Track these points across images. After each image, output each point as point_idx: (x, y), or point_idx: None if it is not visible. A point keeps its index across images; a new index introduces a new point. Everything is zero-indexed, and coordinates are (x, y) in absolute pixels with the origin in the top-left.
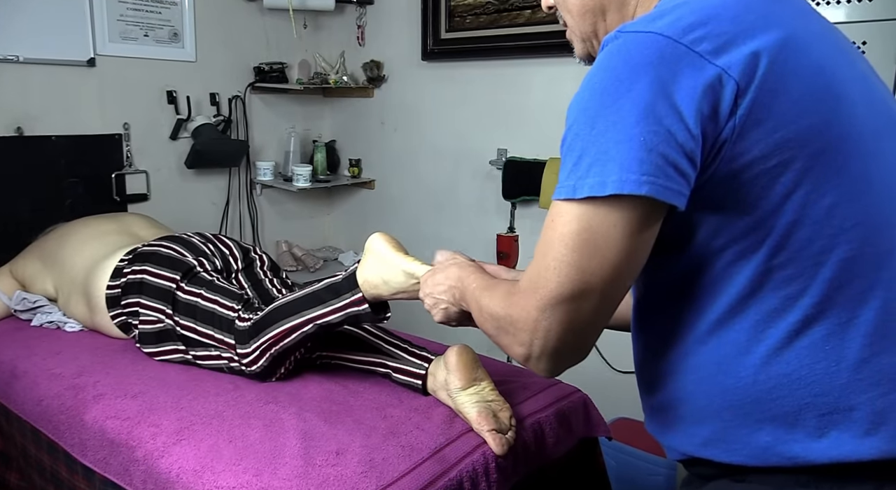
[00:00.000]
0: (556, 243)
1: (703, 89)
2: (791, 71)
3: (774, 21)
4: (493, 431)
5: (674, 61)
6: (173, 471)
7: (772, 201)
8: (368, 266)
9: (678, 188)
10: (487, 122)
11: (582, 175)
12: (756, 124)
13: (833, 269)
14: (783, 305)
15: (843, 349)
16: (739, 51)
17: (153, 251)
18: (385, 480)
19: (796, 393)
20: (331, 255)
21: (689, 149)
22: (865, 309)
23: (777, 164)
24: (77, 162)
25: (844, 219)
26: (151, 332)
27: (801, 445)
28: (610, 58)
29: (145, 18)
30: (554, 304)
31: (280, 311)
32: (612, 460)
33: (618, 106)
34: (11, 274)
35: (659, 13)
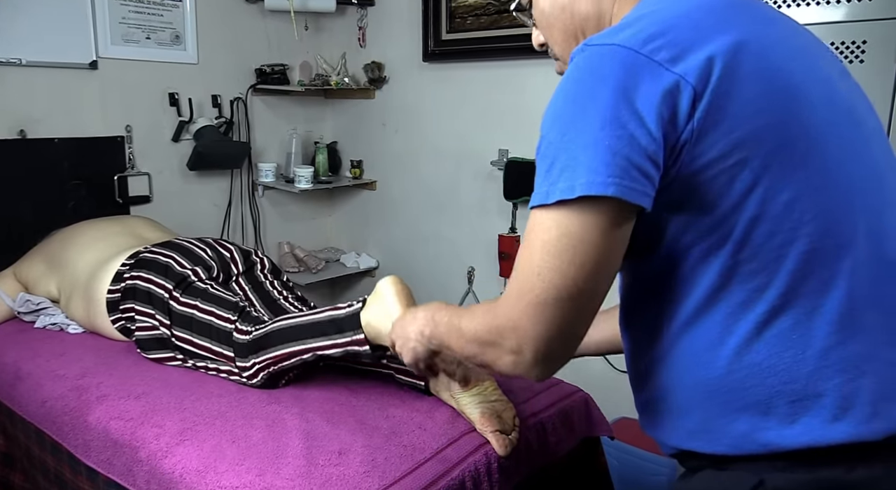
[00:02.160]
0: (537, 250)
1: (663, 95)
2: (746, 73)
3: (730, 26)
4: (496, 432)
5: (635, 70)
6: (177, 471)
7: (732, 199)
8: (373, 312)
9: (642, 189)
10: (488, 122)
11: (553, 180)
12: (713, 126)
13: (795, 261)
14: (750, 298)
15: (810, 338)
16: (696, 57)
17: (153, 258)
18: (387, 480)
19: (767, 381)
20: (333, 256)
21: (651, 151)
22: (829, 298)
23: (735, 162)
24: (79, 164)
25: (803, 212)
26: (149, 338)
27: (775, 432)
28: (577, 70)
29: (147, 21)
30: (541, 308)
31: (282, 334)
32: (614, 460)
33: (585, 114)
34: (15, 276)
35: (622, 26)
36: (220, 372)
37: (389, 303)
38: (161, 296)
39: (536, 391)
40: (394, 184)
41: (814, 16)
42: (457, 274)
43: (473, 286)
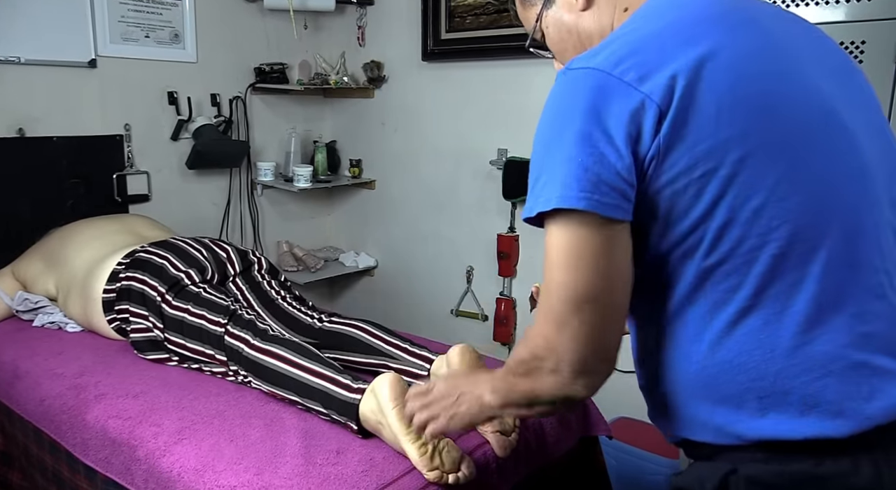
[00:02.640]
0: (547, 270)
1: (630, 115)
2: (708, 88)
3: (696, 41)
4: (496, 433)
5: (606, 92)
6: (175, 470)
7: (702, 207)
8: (370, 411)
9: (614, 203)
10: (488, 122)
11: (537, 195)
12: (679, 140)
13: (764, 264)
14: (723, 298)
15: (778, 337)
16: (661, 76)
17: (147, 259)
18: (385, 479)
19: (738, 378)
20: (331, 255)
21: (620, 168)
22: (797, 300)
23: (702, 174)
24: (78, 163)
25: (772, 218)
26: (144, 340)
27: (746, 425)
28: (558, 91)
29: (146, 19)
30: (564, 321)
31: (276, 375)
32: (612, 459)
33: (562, 134)
34: (13, 275)
35: (599, 48)
36: (214, 374)
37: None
38: (154, 298)
39: None
40: (393, 183)
41: (813, 16)
42: (456, 273)
43: (472, 286)
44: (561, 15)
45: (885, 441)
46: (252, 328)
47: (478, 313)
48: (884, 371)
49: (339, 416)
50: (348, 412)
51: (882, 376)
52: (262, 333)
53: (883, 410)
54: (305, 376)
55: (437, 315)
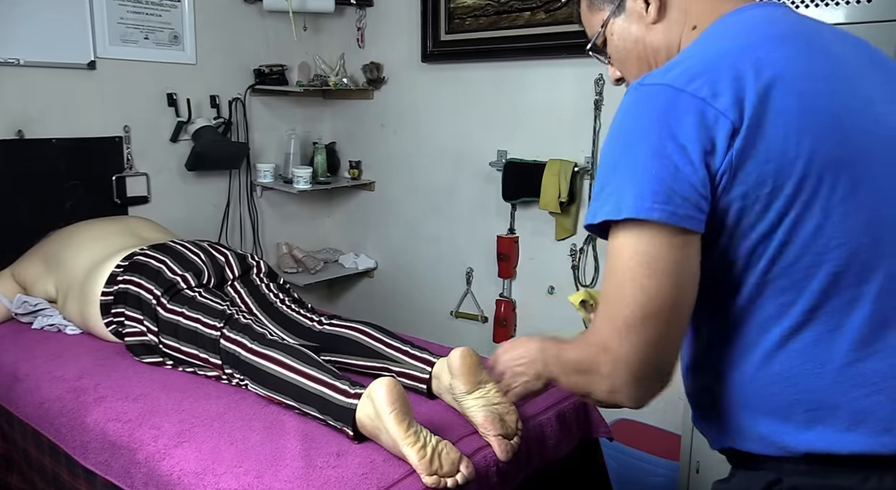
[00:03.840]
0: (615, 276)
1: (704, 129)
2: (777, 108)
3: (769, 63)
4: (498, 437)
5: (680, 107)
6: (174, 473)
7: (767, 223)
8: (366, 416)
9: (687, 214)
10: (487, 123)
11: (602, 203)
12: (750, 156)
13: (821, 281)
14: (779, 312)
15: (830, 353)
16: (733, 94)
17: (145, 262)
18: (385, 482)
19: (787, 390)
20: (331, 256)
21: (694, 180)
22: (852, 318)
23: (770, 190)
24: (78, 164)
25: (830, 238)
26: (138, 343)
27: (792, 437)
28: (629, 107)
29: (145, 21)
30: (628, 330)
31: (273, 380)
32: (613, 461)
33: (635, 146)
34: (13, 277)
35: (672, 65)
36: (209, 377)
37: (384, 417)
38: (149, 301)
39: None
40: (392, 184)
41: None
42: (455, 275)
43: (472, 287)
44: (629, 25)
45: None
46: (249, 332)
47: (477, 315)
48: None
49: (336, 422)
50: (345, 418)
51: None
52: (259, 337)
53: None
54: (302, 381)
55: (437, 316)
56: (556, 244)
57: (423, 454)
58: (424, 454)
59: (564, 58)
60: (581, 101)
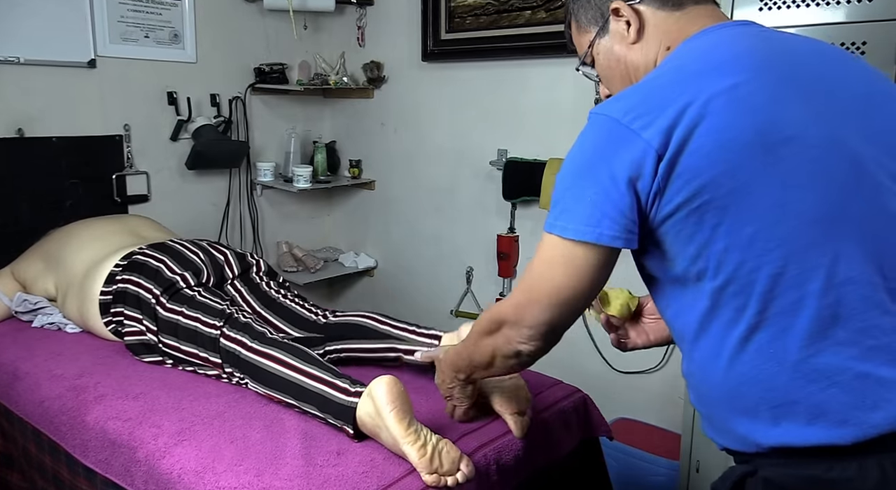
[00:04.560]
0: (542, 263)
1: (631, 159)
2: (703, 131)
3: (695, 91)
4: (514, 415)
5: (615, 138)
6: (175, 471)
7: (704, 234)
8: (367, 415)
9: (615, 234)
10: (487, 122)
11: (556, 217)
12: (675, 178)
13: (764, 283)
14: (735, 316)
15: (785, 352)
16: (660, 123)
17: (144, 261)
18: (385, 480)
19: (752, 390)
20: (331, 255)
21: (622, 205)
22: (800, 317)
23: (700, 205)
24: (78, 163)
25: (766, 241)
26: (138, 343)
27: (762, 434)
28: (583, 133)
29: (146, 20)
30: (537, 305)
31: (273, 378)
32: (613, 460)
33: (579, 170)
34: (13, 275)
35: (620, 95)
36: (209, 376)
37: (385, 416)
38: (149, 301)
39: (536, 392)
40: (392, 183)
41: (814, 17)
42: (455, 274)
43: (472, 286)
44: (612, 45)
45: (892, 447)
46: (249, 331)
47: (478, 314)
48: (888, 381)
49: (336, 420)
50: (345, 416)
51: (887, 386)
52: (259, 336)
53: (887, 419)
54: (302, 379)
55: (437, 315)
56: None
57: (424, 452)
58: (425, 452)
59: (565, 57)
60: (581, 100)
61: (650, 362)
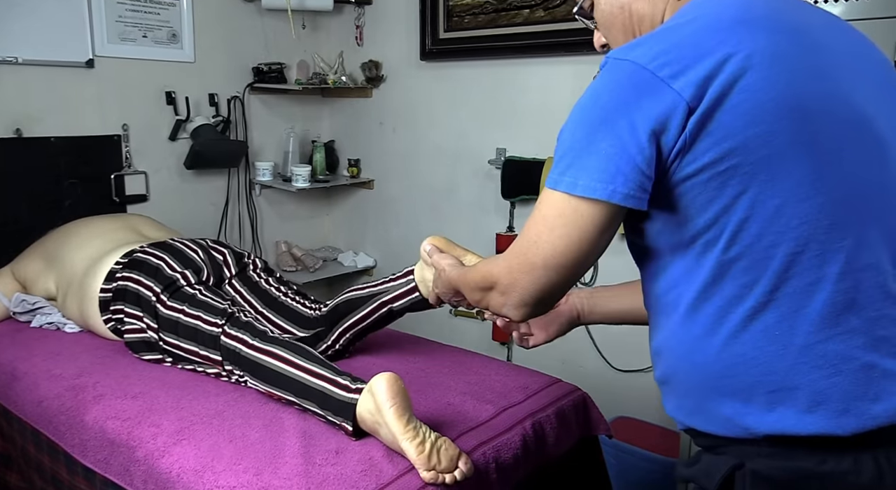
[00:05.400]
0: (538, 223)
1: (658, 110)
2: (742, 88)
3: (735, 43)
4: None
5: (639, 85)
6: (174, 471)
7: (723, 201)
8: (367, 411)
9: (629, 192)
10: (486, 121)
11: (562, 172)
12: (705, 136)
13: (781, 261)
14: (740, 293)
15: (792, 335)
16: (695, 73)
17: (144, 259)
18: (384, 479)
19: (750, 371)
20: (330, 255)
21: (639, 160)
22: (813, 299)
23: (726, 168)
24: (76, 163)
25: (791, 218)
26: (138, 340)
27: (754, 418)
28: (597, 80)
29: (144, 19)
30: (530, 268)
31: (274, 375)
32: (612, 458)
33: (592, 122)
34: (13, 275)
35: (640, 41)
36: (209, 374)
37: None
38: (148, 298)
39: (534, 391)
40: (391, 183)
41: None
42: None
43: None
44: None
45: (888, 441)
46: (250, 329)
47: (476, 314)
48: (892, 373)
49: (335, 417)
50: (345, 412)
51: (890, 378)
52: (260, 334)
53: (888, 412)
54: (303, 376)
55: (436, 315)
56: None
57: (422, 449)
58: (423, 449)
59: (563, 55)
60: None
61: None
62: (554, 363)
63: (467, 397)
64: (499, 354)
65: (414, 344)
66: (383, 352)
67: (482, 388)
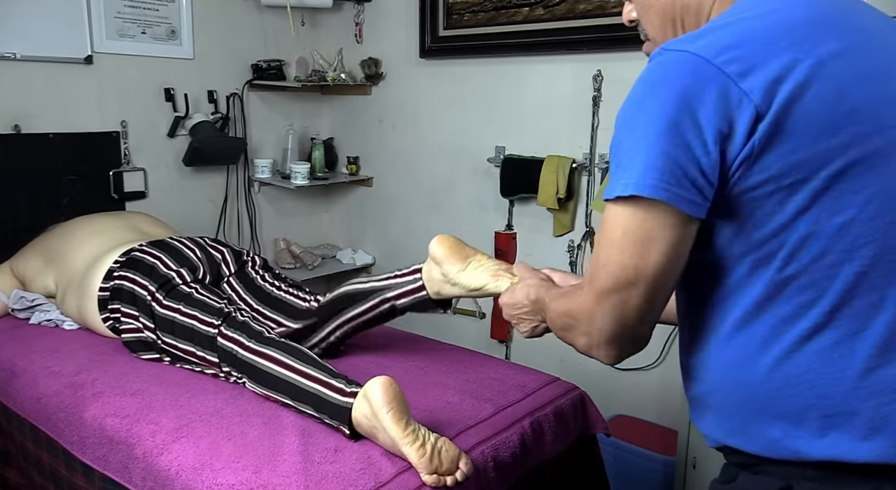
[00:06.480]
0: (604, 244)
1: (725, 110)
2: (813, 96)
3: (806, 47)
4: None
5: (703, 80)
6: (172, 468)
7: (785, 217)
8: (363, 416)
9: (690, 197)
10: (485, 119)
11: (619, 176)
12: (774, 146)
13: (844, 281)
14: (796, 312)
15: (851, 358)
16: (764, 75)
17: (140, 258)
18: (383, 477)
19: (803, 394)
20: (329, 252)
21: (704, 163)
22: (876, 322)
23: (793, 182)
24: (75, 159)
25: (858, 236)
26: (135, 340)
27: (805, 442)
28: (650, 73)
29: (143, 16)
30: (605, 296)
31: (269, 378)
32: (610, 457)
33: (649, 117)
34: (12, 272)
35: (702, 32)
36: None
37: (383, 419)
38: (144, 297)
39: (532, 389)
40: (390, 180)
41: None
42: None
43: None
44: None
45: None
46: (246, 330)
47: (475, 311)
48: None
49: (332, 421)
50: (340, 416)
51: None
52: (256, 335)
53: None
54: (298, 379)
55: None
56: (554, 240)
57: (423, 452)
58: (424, 452)
59: (563, 54)
60: (579, 98)
61: (647, 359)
62: (552, 361)
63: (466, 396)
64: (497, 353)
65: (412, 342)
66: (381, 350)
67: (481, 386)
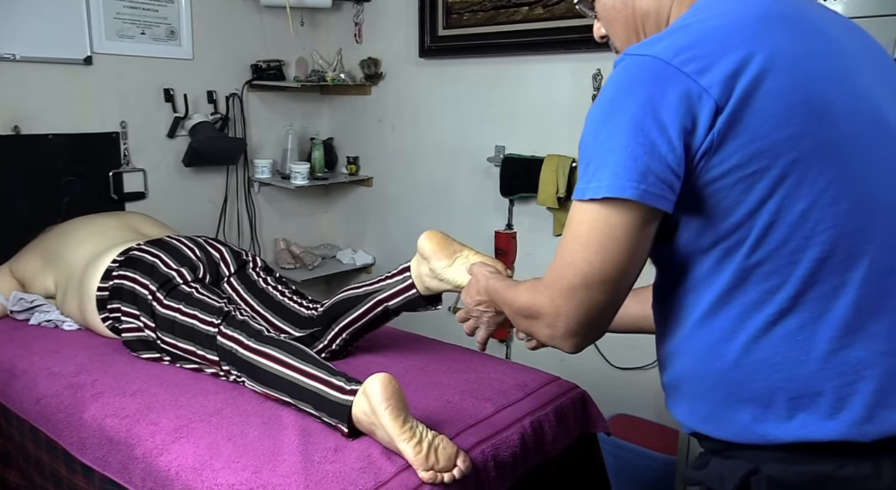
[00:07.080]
0: (570, 241)
1: (686, 106)
2: (769, 88)
3: (760, 42)
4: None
5: (663, 81)
6: (172, 468)
7: (749, 205)
8: (362, 413)
9: (660, 193)
10: (485, 119)
11: (588, 179)
12: (733, 137)
13: (806, 267)
14: (762, 298)
15: (814, 340)
16: (721, 70)
17: (140, 257)
18: (383, 476)
19: (770, 377)
20: (329, 252)
21: (670, 159)
22: (837, 305)
23: (754, 171)
24: (74, 160)
25: (818, 222)
26: (136, 339)
27: (773, 425)
28: (614, 78)
29: (142, 16)
30: (572, 293)
31: (269, 376)
32: (610, 456)
33: (615, 120)
34: (11, 273)
35: (661, 36)
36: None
37: (381, 416)
38: (144, 296)
39: (533, 388)
40: (390, 180)
41: None
42: None
43: None
44: None
45: None
46: (246, 329)
47: None
48: None
49: (331, 419)
50: (339, 414)
51: None
52: (256, 334)
53: None
54: (298, 378)
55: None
56: (554, 240)
57: (420, 449)
58: (420, 449)
59: (562, 53)
60: (579, 97)
61: (648, 358)
62: (553, 361)
63: (466, 395)
64: (497, 352)
65: (413, 342)
66: (382, 350)
67: (481, 385)
